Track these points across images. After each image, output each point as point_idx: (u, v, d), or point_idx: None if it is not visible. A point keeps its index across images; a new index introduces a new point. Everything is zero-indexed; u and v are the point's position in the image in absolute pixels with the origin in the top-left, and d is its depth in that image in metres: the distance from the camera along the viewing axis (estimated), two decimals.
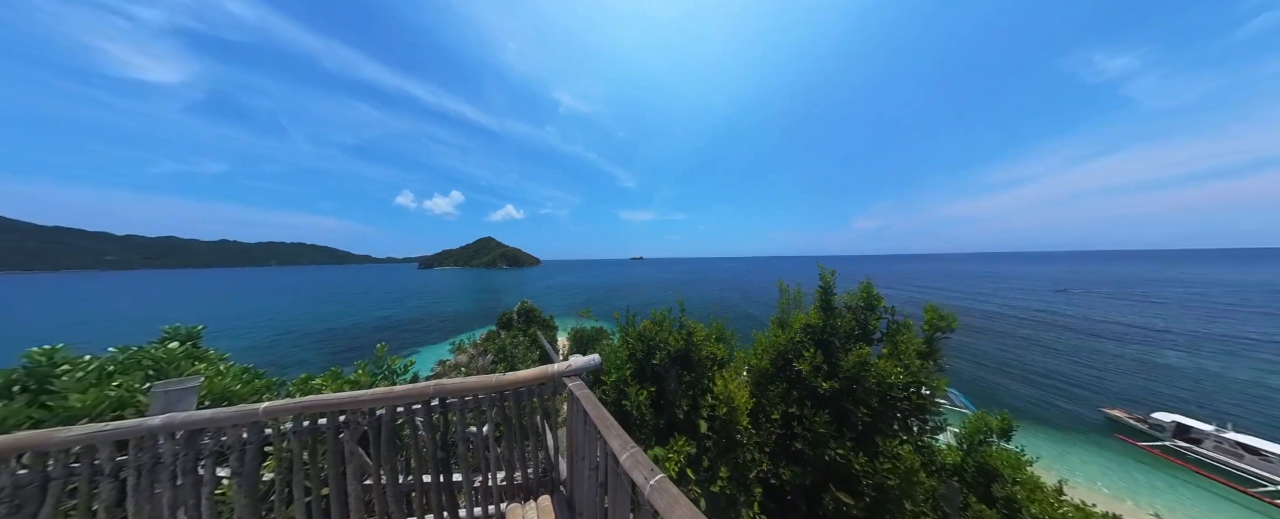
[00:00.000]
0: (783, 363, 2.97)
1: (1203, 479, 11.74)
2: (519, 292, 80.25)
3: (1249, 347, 25.33)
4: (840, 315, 2.96)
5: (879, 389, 2.39)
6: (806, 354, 2.70)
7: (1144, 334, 29.19)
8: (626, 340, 3.12)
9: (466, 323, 42.31)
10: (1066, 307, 41.91)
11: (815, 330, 2.93)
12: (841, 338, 2.84)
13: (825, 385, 2.51)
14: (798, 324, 3.03)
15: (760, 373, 3.05)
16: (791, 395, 2.75)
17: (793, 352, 2.87)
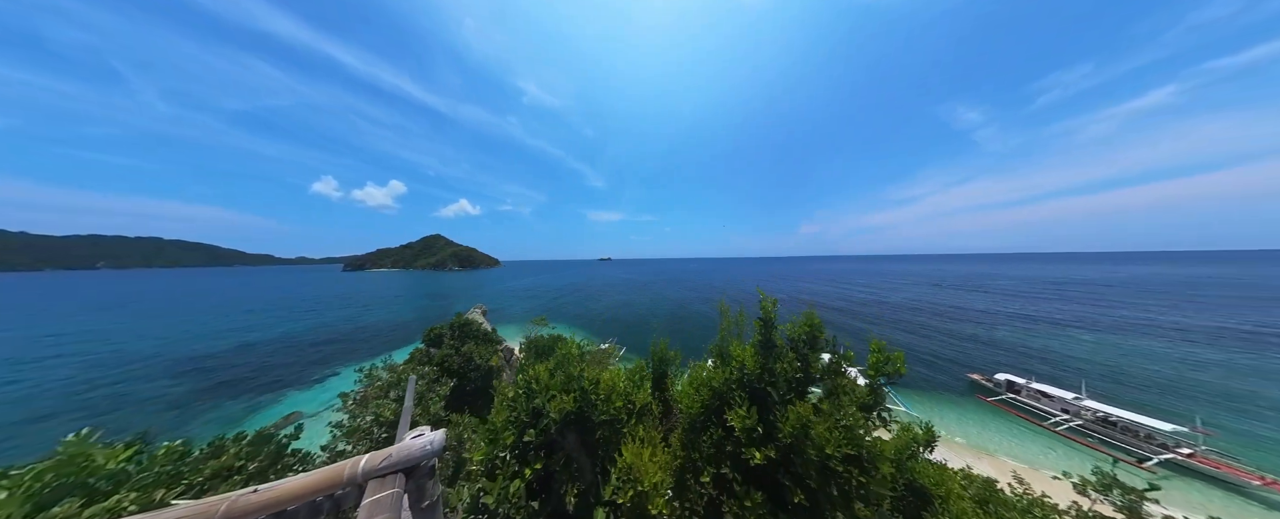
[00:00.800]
0: (718, 406, 2.59)
1: (1021, 420, 15.85)
2: (471, 296, 71.60)
3: (1045, 321, 37.04)
4: (781, 356, 2.59)
5: (819, 460, 2.06)
6: (739, 411, 2.28)
7: (990, 316, 39.80)
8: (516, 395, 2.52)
9: (403, 335, 35.91)
10: (938, 297, 55.20)
11: (750, 380, 2.53)
12: (781, 386, 2.48)
13: (759, 456, 2.12)
14: (736, 362, 2.67)
15: (692, 418, 2.63)
16: (724, 452, 2.37)
17: (729, 396, 2.52)
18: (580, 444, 2.38)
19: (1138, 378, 20.34)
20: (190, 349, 31.18)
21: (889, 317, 39.98)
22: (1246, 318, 35.47)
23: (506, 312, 51.22)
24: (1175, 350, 25.45)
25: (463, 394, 7.81)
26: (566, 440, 2.26)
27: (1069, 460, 12.75)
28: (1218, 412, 15.94)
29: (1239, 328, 31.29)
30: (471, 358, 8.23)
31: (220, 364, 26.87)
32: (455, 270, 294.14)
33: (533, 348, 15.46)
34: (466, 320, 10.45)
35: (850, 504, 2.07)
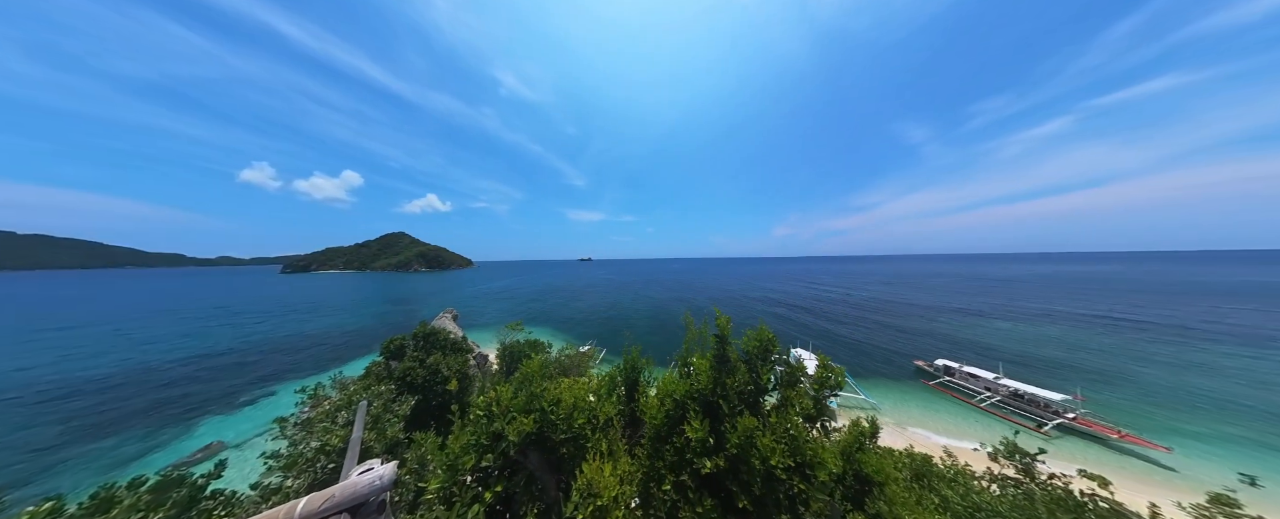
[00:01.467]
0: (679, 415, 2.76)
1: (955, 399, 18.20)
2: (440, 300, 66.44)
3: (974, 313, 43.08)
4: (735, 371, 2.79)
5: (764, 470, 2.25)
6: (694, 422, 2.49)
7: (932, 310, 45.69)
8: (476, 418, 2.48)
9: (358, 346, 32.18)
10: (891, 294, 62.56)
11: (703, 395, 2.73)
12: (732, 399, 2.67)
13: (709, 465, 2.33)
14: (695, 375, 2.85)
15: (656, 429, 2.77)
16: (683, 459, 2.54)
17: (686, 411, 2.69)
18: (543, 463, 2.37)
19: (1039, 358, 24.26)
20: (56, 374, 24.57)
21: (851, 313, 43.92)
22: (1113, 306, 43.98)
23: (480, 315, 48.38)
24: (1065, 333, 30.84)
25: (427, 409, 7.26)
26: (528, 460, 2.23)
27: (989, 431, 14.91)
28: (1092, 381, 19.55)
29: (1109, 314, 38.84)
30: (438, 369, 7.67)
31: (105, 390, 21.40)
32: (422, 271, 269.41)
33: (508, 354, 14.82)
34: (432, 329, 9.70)
35: (794, 507, 2.29)
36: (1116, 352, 25.59)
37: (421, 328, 9.71)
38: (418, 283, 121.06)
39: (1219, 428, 15.05)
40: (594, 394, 3.49)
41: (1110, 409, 16.57)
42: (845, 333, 32.91)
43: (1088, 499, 4.55)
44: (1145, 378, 20.52)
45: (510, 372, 14.29)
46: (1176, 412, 16.53)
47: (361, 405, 2.59)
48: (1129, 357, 24.44)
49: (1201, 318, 35.95)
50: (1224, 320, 34.75)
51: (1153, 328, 32.44)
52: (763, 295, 64.73)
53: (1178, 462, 12.79)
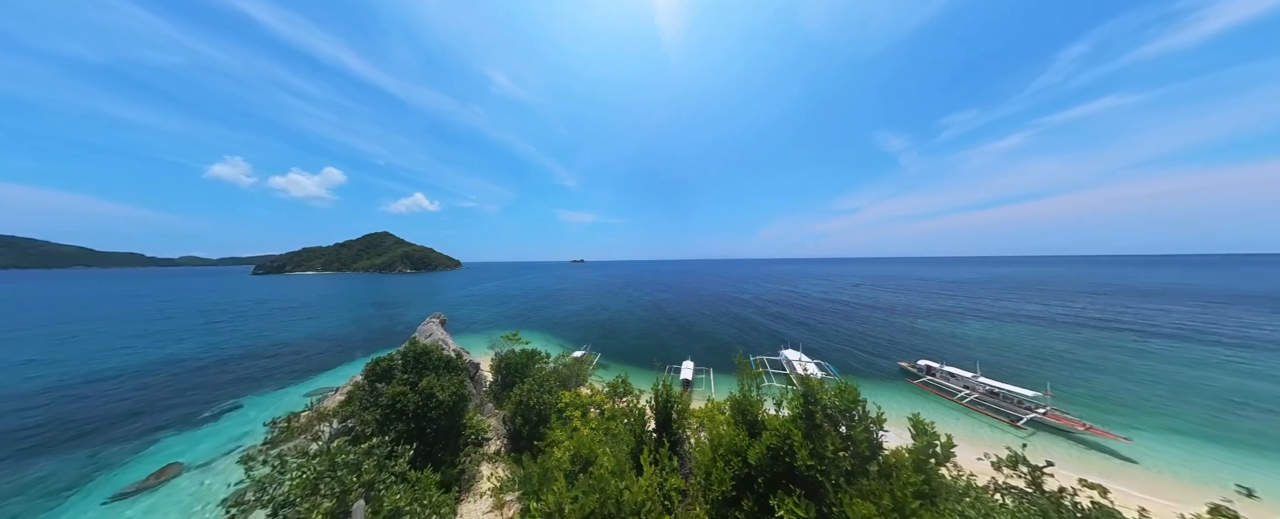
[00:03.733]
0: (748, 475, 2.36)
1: (938, 397, 19.06)
2: (426, 303, 63.96)
3: (951, 314, 45.91)
4: (825, 435, 2.34)
5: None
6: (792, 505, 2.07)
7: (914, 310, 48.38)
8: None
9: (332, 353, 29.81)
10: (876, 296, 64.62)
11: (800, 472, 2.27)
12: (833, 475, 2.21)
13: None
14: (769, 438, 2.41)
15: (723, 495, 2.37)
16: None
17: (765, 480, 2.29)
18: None
19: (1008, 355, 25.83)
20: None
21: (839, 314, 45.36)
22: (1068, 306, 47.63)
23: (470, 319, 46.83)
24: (1030, 332, 33.03)
25: (420, 438, 6.75)
26: None
27: (970, 428, 15.68)
28: (1056, 377, 20.90)
29: (1066, 314, 42.13)
30: (432, 394, 7.14)
31: (37, 407, 18.67)
32: (407, 273, 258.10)
33: (504, 366, 14.26)
34: (424, 348, 9.07)
35: None
36: (1077, 348, 27.59)
37: (411, 346, 9.07)
38: (402, 285, 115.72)
39: (1170, 418, 16.45)
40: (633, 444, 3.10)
41: (1075, 403, 17.77)
42: (831, 332, 34.05)
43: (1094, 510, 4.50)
44: (1104, 372, 22.16)
45: (507, 384, 13.76)
46: (1132, 403, 17.91)
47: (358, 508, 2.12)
48: (1089, 353, 26.38)
49: (1145, 317, 39.50)
50: (1166, 319, 38.35)
51: (1107, 326, 35.34)
52: (751, 295, 66.01)
53: (1137, 451, 13.80)
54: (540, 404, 9.16)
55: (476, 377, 16.30)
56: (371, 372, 8.16)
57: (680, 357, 25.55)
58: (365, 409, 7.20)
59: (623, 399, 8.81)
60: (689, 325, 39.64)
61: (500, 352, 15.65)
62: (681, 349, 29.04)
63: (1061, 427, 15.54)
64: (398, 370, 8.49)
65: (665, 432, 3.83)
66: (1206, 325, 33.87)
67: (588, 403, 8.55)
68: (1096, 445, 14.34)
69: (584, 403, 8.47)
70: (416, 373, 8.32)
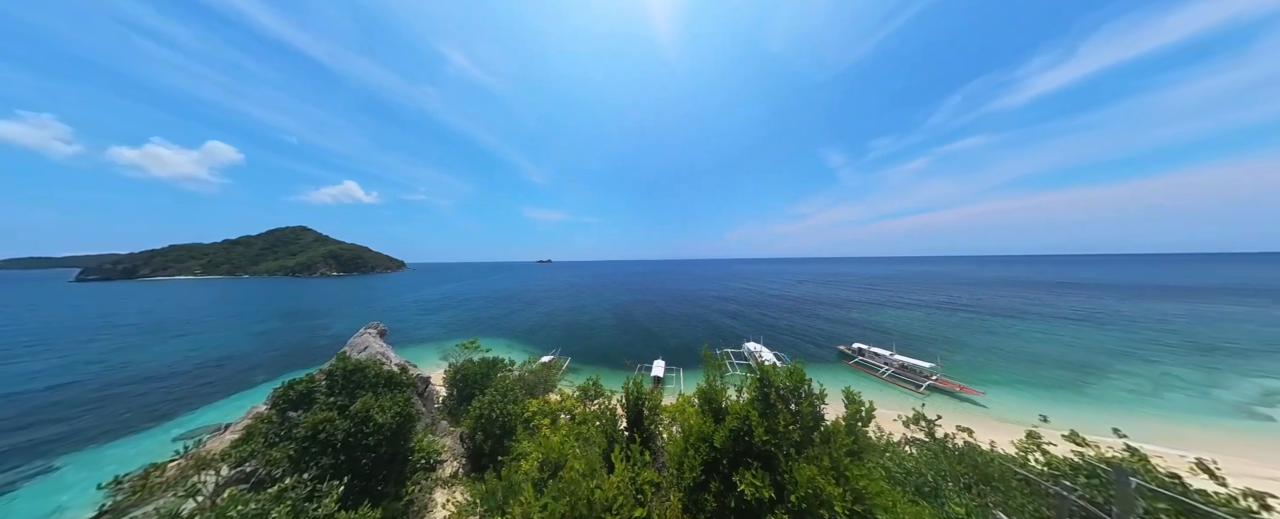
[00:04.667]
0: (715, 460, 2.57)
1: (868, 374, 22.51)
2: (359, 311, 54.37)
3: (876, 304, 54.74)
4: (778, 413, 2.67)
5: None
6: (750, 476, 2.32)
7: (850, 302, 56.43)
8: None
9: (222, 385, 22.79)
10: (822, 290, 75.43)
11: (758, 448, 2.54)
12: (785, 447, 2.54)
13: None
14: (733, 421, 2.63)
15: (694, 479, 2.55)
16: (729, 509, 2.37)
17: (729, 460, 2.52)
18: None
19: (914, 334, 31.79)
20: None
21: (789, 308, 50.59)
22: (952, 295, 60.88)
23: (417, 328, 41.28)
24: (926, 315, 41.25)
25: (354, 471, 5.73)
26: None
27: (891, 397, 18.87)
28: (944, 349, 26.42)
29: (950, 301, 53.56)
30: (369, 417, 6.08)
31: None
32: (333, 276, 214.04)
33: (460, 378, 12.91)
34: (358, 364, 7.71)
35: None
36: (954, 327, 35.24)
37: (339, 363, 7.65)
38: (326, 291, 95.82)
39: (1010, 375, 21.88)
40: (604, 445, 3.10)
41: (955, 369, 22.61)
42: (785, 325, 38.01)
43: (966, 447, 6.38)
44: (972, 344, 28.70)
45: (464, 398, 12.49)
46: (986, 366, 23.48)
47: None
48: (963, 330, 33.90)
49: (1007, 302, 52.22)
50: (1017, 303, 51.45)
51: (977, 309, 45.82)
52: (718, 294, 70.23)
53: (990, 402, 18.16)
54: (504, 416, 8.51)
55: (427, 393, 14.51)
56: (282, 398, 6.64)
57: (652, 355, 26.02)
58: (272, 445, 5.83)
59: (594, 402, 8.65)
60: (660, 324, 40.52)
61: (455, 362, 14.14)
62: (653, 348, 29.60)
63: (947, 389, 19.73)
64: (320, 393, 7.08)
65: (637, 429, 3.91)
66: (1028, 306, 46.30)
67: (558, 409, 8.21)
68: (968, 400, 18.53)
69: (553, 409, 8.12)
70: (347, 394, 7.04)
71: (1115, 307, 44.48)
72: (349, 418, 5.85)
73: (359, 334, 16.49)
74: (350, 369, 7.41)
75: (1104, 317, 38.24)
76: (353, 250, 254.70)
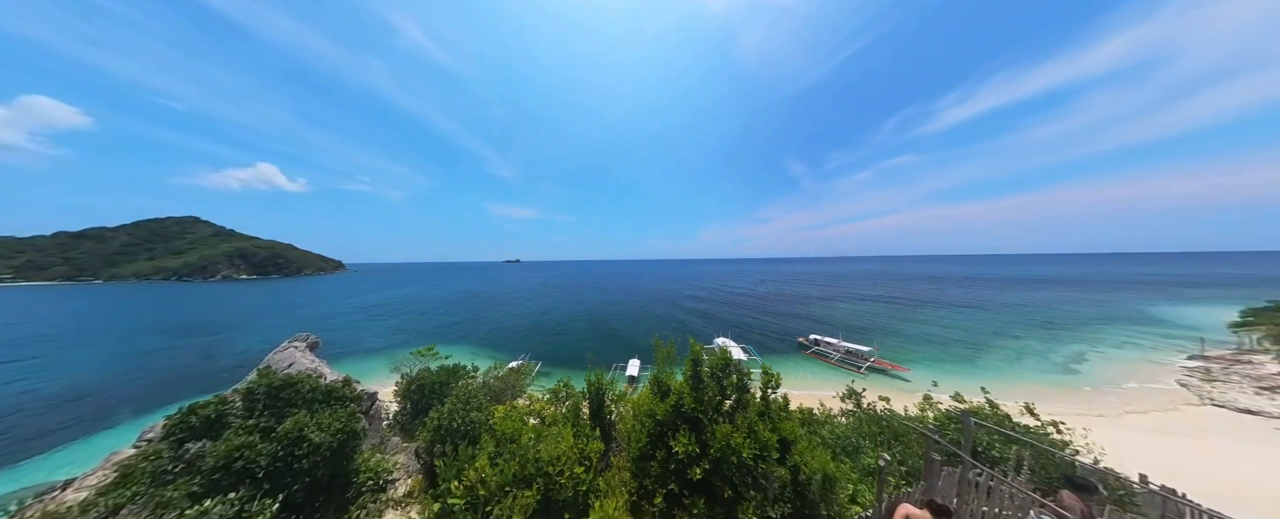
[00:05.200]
0: (660, 432, 3.05)
1: (821, 362, 25.37)
2: (278, 323, 45.31)
3: (829, 299, 61.53)
4: (707, 388, 3.31)
5: (738, 463, 2.81)
6: (682, 439, 2.86)
7: (807, 298, 62.46)
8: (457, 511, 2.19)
9: (66, 428, 17.13)
10: (784, 288, 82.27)
11: (688, 413, 3.15)
12: (709, 412, 3.17)
13: (699, 472, 2.74)
14: (673, 397, 3.19)
15: (640, 449, 3.04)
16: (669, 471, 2.84)
17: (669, 429, 3.00)
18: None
19: (857, 324, 36.57)
20: None
21: (755, 305, 54.62)
22: (886, 290, 71.29)
23: (360, 338, 36.18)
24: (869, 308, 47.69)
25: (285, 500, 4.89)
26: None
27: (840, 380, 21.49)
28: (879, 335, 30.87)
29: (884, 295, 62.65)
30: (302, 437, 5.24)
31: None
32: (242, 279, 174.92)
33: (415, 389, 11.68)
34: (288, 379, 6.59)
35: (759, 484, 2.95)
36: (889, 316, 41.53)
37: (262, 378, 6.46)
38: (231, 298, 77.99)
39: (926, 354, 26.40)
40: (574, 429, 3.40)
41: (888, 351, 26.59)
42: (751, 321, 41.00)
43: (884, 412, 7.98)
44: (901, 330, 33.98)
45: (420, 412, 11.35)
46: (911, 347, 28.09)
47: None
48: (894, 318, 40.01)
49: (926, 294, 62.32)
50: (934, 295, 61.45)
51: (905, 301, 54.18)
52: (690, 293, 72.96)
53: (913, 376, 21.69)
54: (466, 424, 7.95)
55: (373, 409, 12.90)
56: (180, 425, 5.37)
57: (626, 355, 26.20)
58: (165, 484, 4.73)
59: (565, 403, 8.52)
60: (634, 324, 40.90)
61: (408, 373, 12.77)
62: (627, 348, 29.77)
63: (881, 368, 23.13)
64: (235, 416, 5.91)
65: (598, 418, 4.28)
66: (941, 297, 55.99)
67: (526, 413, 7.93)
68: (897, 376, 21.96)
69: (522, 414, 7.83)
70: (273, 414, 5.98)
71: (999, 296, 56.19)
72: (276, 440, 4.98)
73: (280, 349, 14.02)
74: (278, 385, 6.29)
75: (991, 304, 48.02)
76: (270, 248, 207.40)
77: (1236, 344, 24.80)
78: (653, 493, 2.81)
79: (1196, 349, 25.54)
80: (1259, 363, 21.63)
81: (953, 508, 3.66)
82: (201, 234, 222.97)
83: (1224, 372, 20.96)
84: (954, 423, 6.85)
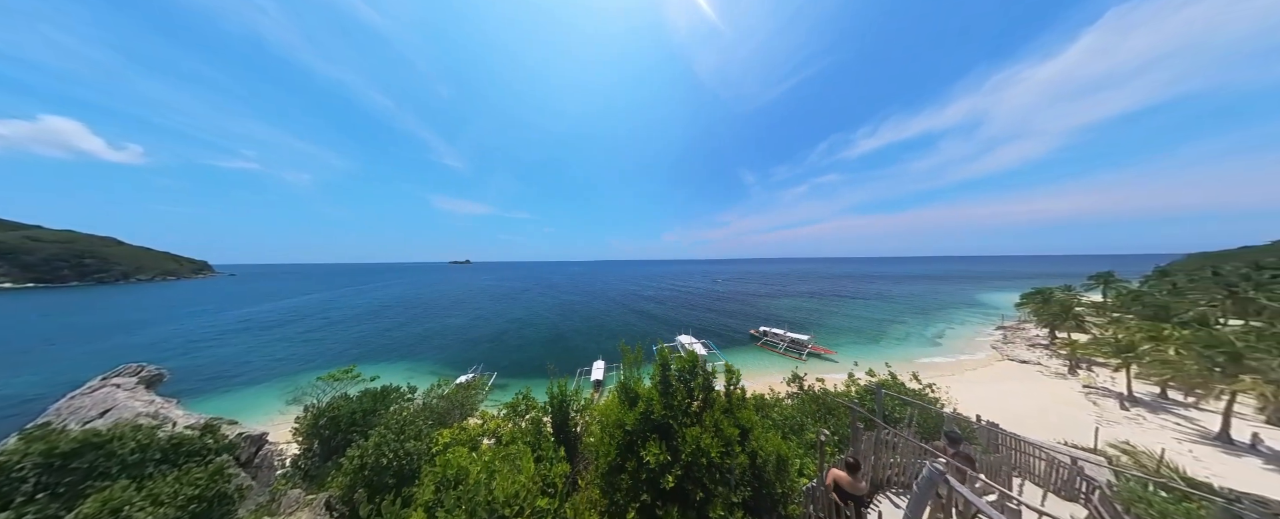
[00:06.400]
0: (630, 442, 2.91)
1: (770, 351, 28.39)
2: (80, 352, 31.43)
3: (775, 295, 71.36)
4: (676, 393, 3.23)
5: (708, 467, 2.80)
6: (653, 448, 2.74)
7: (756, 296, 70.01)
8: None
9: None
10: (739, 286, 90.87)
11: (658, 421, 3.06)
12: (679, 416, 3.11)
13: (671, 480, 2.64)
14: (642, 404, 3.06)
15: (609, 463, 2.87)
16: (641, 481, 2.71)
17: (639, 439, 2.86)
18: None
19: (798, 316, 42.18)
20: None
21: (713, 302, 59.34)
22: (818, 286, 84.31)
23: (234, 366, 27.46)
24: (804, 302, 55.69)
25: None
26: None
27: (785, 366, 24.37)
28: (816, 323, 36.22)
29: (816, 290, 74.23)
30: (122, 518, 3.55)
31: None
32: (6, 289, 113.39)
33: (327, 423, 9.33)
34: (90, 439, 4.40)
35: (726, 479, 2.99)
36: (820, 308, 49.17)
37: (29, 442, 4.22)
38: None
39: (848, 338, 31.82)
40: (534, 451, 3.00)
41: (822, 338, 31.35)
42: (710, 318, 43.89)
43: (820, 391, 9.33)
44: (830, 319, 40.47)
45: (332, 452, 9.12)
46: (838, 333, 33.63)
47: None
48: (825, 310, 47.46)
49: (848, 289, 76.57)
50: (853, 289, 75.85)
51: (832, 295, 65.18)
52: (652, 294, 74.86)
53: (840, 358, 25.96)
54: (399, 458, 6.61)
55: (259, 458, 9.97)
56: None
57: (591, 358, 25.47)
58: None
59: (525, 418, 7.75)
60: (598, 325, 40.13)
61: (315, 404, 10.19)
62: (591, 350, 29.01)
63: (818, 353, 27.11)
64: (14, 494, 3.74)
65: (561, 433, 3.99)
66: (857, 292, 68.89)
67: (479, 433, 6.97)
68: (828, 359, 26.00)
69: (473, 435, 6.85)
70: (58, 497, 3.96)
71: (892, 289, 71.28)
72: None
73: (85, 390, 9.87)
74: (66, 450, 4.15)
75: (887, 296, 60.62)
76: (67, 241, 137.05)
77: (1017, 318, 35.80)
78: (625, 508, 2.66)
79: (999, 322, 37.00)
80: (1028, 329, 32.48)
81: (870, 462, 4.40)
82: None
83: (1012, 336, 31.08)
84: (869, 394, 8.55)
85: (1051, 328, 28.89)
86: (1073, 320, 27.31)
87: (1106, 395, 17.73)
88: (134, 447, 4.70)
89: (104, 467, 4.35)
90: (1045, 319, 29.21)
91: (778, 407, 9.04)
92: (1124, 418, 15.33)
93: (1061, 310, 27.93)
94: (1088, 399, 17.51)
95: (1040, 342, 28.53)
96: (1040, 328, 30.82)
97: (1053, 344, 27.17)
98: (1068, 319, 27.50)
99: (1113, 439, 11.60)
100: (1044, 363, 23.92)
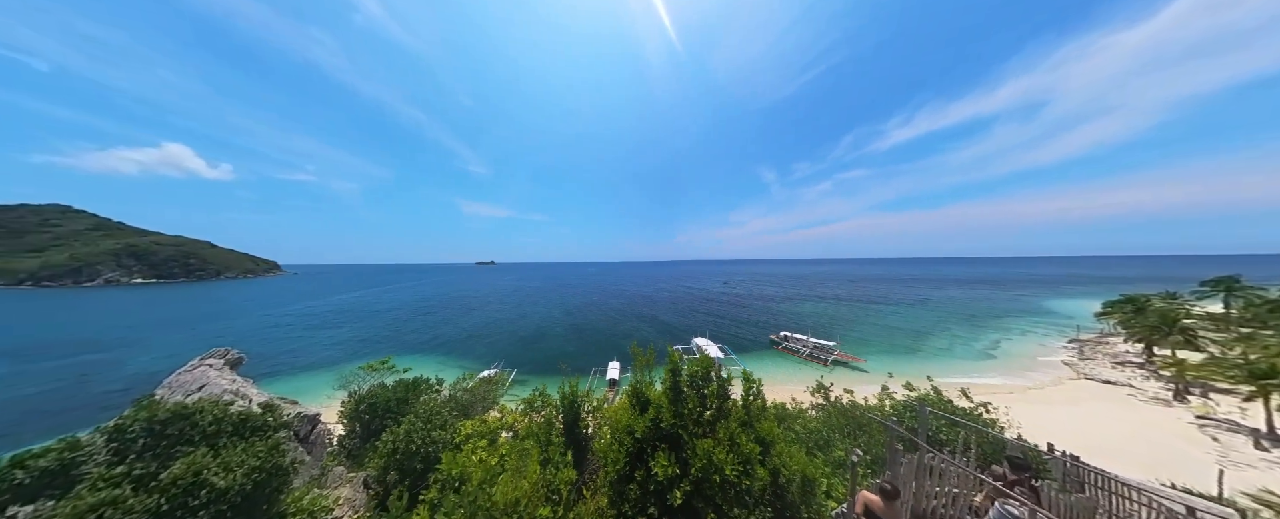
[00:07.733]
0: (639, 450, 2.80)
1: (792, 356, 27.00)
2: (186, 336, 38.12)
3: (798, 297, 66.74)
4: (687, 399, 3.07)
5: (722, 485, 2.61)
6: (661, 459, 2.62)
7: (778, 298, 67.16)
8: None
9: None
10: (758, 288, 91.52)
11: (667, 430, 2.94)
12: (690, 426, 2.94)
13: (679, 495, 2.51)
14: (653, 410, 2.95)
15: (618, 472, 2.76)
16: (649, 493, 2.60)
17: (648, 447, 2.76)
18: None
19: (823, 320, 39.63)
20: None
21: (730, 304, 57.38)
22: (844, 289, 78.88)
23: (297, 353, 31.32)
24: (829, 306, 52.10)
25: None
26: None
27: (809, 373, 22.97)
28: (844, 329, 33.76)
29: (841, 294, 69.14)
30: (202, 481, 4.21)
31: None
32: (137, 283, 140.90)
33: (366, 408, 10.30)
34: (179, 410, 5.29)
35: (742, 499, 2.77)
36: (847, 312, 45.76)
37: (141, 410, 5.13)
38: (120, 306, 63.21)
39: (880, 345, 29.34)
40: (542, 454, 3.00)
41: (849, 345, 29.08)
42: (727, 320, 42.59)
43: (849, 404, 8.49)
44: (858, 324, 37.51)
45: (371, 435, 10.01)
46: (867, 340, 31.05)
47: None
48: (853, 314, 44.09)
49: (877, 292, 71.03)
50: (882, 293, 69.86)
51: (860, 299, 60.47)
52: (668, 294, 74.07)
53: (869, 368, 23.81)
54: (427, 445, 7.10)
55: (313, 436, 11.18)
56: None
57: (606, 358, 25.72)
58: None
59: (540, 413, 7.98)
60: (614, 326, 40.44)
61: (358, 390, 11.26)
62: (607, 350, 29.26)
63: (844, 361, 25.13)
64: (96, 465, 4.61)
65: (572, 433, 3.90)
66: (889, 295, 63.21)
67: (498, 427, 7.29)
68: (857, 368, 23.98)
69: (492, 428, 7.17)
70: (158, 457, 4.76)
71: (932, 294, 64.38)
72: (159, 492, 3.93)
73: (188, 368, 11.66)
74: (163, 418, 5.01)
75: (926, 301, 54.76)
76: (177, 245, 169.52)
77: (1098, 330, 30.57)
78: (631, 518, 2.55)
79: (1073, 334, 31.58)
80: (1113, 343, 27.34)
81: (909, 489, 3.89)
82: (74, 228, 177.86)
83: (1092, 351, 26.30)
84: (909, 411, 7.45)
85: (1148, 343, 23.48)
86: (1180, 335, 21.62)
87: (1233, 431, 14.21)
88: (211, 419, 5.51)
89: (189, 434, 5.17)
90: (1139, 332, 23.69)
91: (800, 418, 8.42)
92: (1260, 459, 12.17)
93: (1163, 322, 22.30)
94: (1203, 434, 14.21)
95: (1131, 358, 23.85)
96: (1131, 342, 25.39)
97: (1150, 363, 22.51)
98: (1173, 333, 21.85)
99: (1244, 486, 9.18)
100: (1137, 385, 19.86)
